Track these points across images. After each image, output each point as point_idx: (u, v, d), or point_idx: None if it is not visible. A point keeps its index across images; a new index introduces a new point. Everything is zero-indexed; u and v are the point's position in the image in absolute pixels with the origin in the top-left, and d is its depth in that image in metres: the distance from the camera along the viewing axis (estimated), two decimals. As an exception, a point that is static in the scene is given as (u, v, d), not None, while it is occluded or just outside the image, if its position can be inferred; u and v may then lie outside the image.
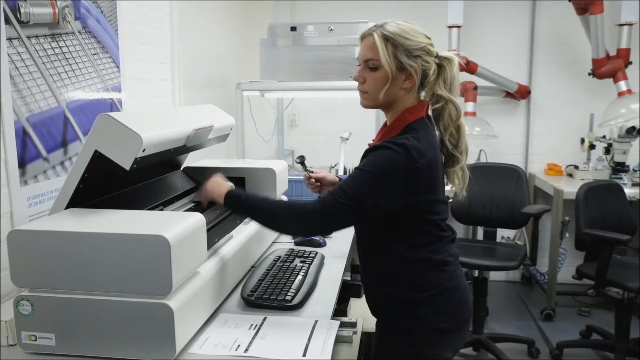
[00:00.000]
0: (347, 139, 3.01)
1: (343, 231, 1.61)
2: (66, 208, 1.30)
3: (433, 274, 1.39)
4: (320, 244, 1.96)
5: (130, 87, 2.09)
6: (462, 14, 3.77)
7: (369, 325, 1.87)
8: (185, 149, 1.57)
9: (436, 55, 1.39)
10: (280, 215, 1.37)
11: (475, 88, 3.91)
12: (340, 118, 3.93)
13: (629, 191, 3.39)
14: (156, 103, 2.37)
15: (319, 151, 4.06)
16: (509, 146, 4.18)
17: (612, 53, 3.71)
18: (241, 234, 1.64)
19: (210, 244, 1.37)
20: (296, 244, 1.97)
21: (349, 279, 2.23)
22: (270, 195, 1.87)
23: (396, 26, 1.36)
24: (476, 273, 3.12)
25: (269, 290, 1.46)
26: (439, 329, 1.39)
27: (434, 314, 1.39)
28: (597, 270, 2.84)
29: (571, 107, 4.11)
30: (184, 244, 1.15)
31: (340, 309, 2.08)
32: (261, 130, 3.61)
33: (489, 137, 3.95)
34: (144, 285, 1.11)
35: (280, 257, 1.71)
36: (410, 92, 1.39)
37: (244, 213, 1.48)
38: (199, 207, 1.73)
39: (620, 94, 3.65)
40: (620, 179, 3.63)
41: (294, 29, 3.05)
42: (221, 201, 1.43)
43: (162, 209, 1.62)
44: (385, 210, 1.33)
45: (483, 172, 3.51)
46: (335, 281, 1.64)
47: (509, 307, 3.83)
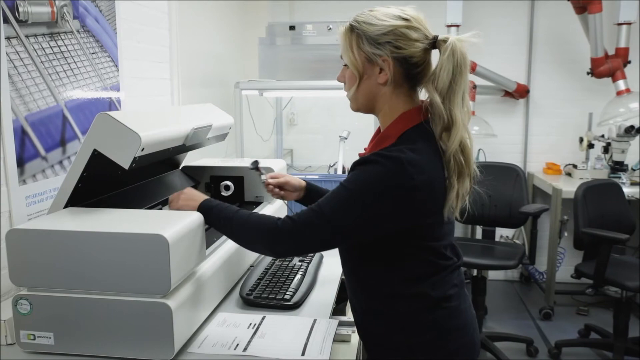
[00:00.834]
0: (346, 138, 3.01)
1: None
2: (65, 207, 1.30)
3: (430, 314, 1.17)
4: (319, 243, 1.96)
5: (128, 86, 2.09)
6: (461, 13, 3.78)
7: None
8: (184, 148, 1.57)
9: (432, 39, 1.17)
10: (245, 231, 1.21)
11: (474, 87, 3.91)
12: (339, 117, 3.94)
13: (628, 190, 3.40)
14: (155, 102, 2.37)
15: (317, 150, 4.07)
16: (507, 145, 4.18)
17: (611, 52, 3.71)
18: (240, 233, 1.64)
19: (209, 243, 1.37)
20: (295, 243, 1.97)
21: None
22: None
23: (367, 13, 1.18)
24: (475, 272, 3.13)
25: (268, 290, 1.47)
26: None
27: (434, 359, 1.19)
28: (596, 269, 2.84)
29: (570, 106, 4.12)
30: (183, 243, 1.15)
31: (338, 308, 2.08)
32: (260, 130, 3.61)
33: (488, 136, 3.96)
34: (143, 284, 1.11)
35: (279, 256, 1.71)
36: (395, 88, 1.18)
37: (216, 227, 1.27)
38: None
39: (619, 93, 3.66)
40: (619, 178, 3.63)
41: (292, 28, 3.05)
42: (195, 209, 1.27)
43: (161, 208, 1.62)
44: (369, 236, 1.13)
45: (482, 171, 3.51)
46: (334, 280, 1.64)
47: (507, 306, 3.84)
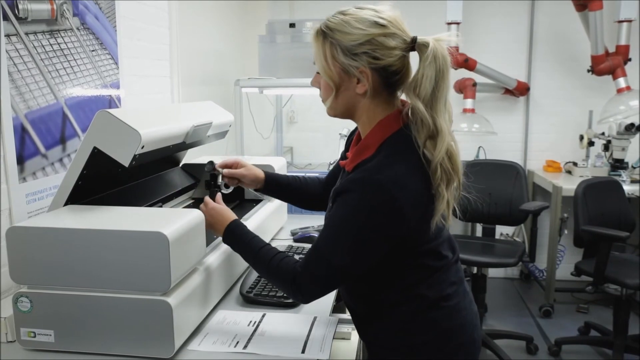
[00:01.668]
0: (346, 136, 3.01)
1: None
2: (65, 205, 1.30)
3: (429, 314, 1.16)
4: (319, 241, 1.96)
5: (128, 84, 2.09)
6: (461, 10, 3.77)
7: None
8: (184, 145, 1.57)
9: (411, 42, 1.11)
10: (266, 276, 1.24)
11: (474, 85, 3.91)
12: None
13: (628, 188, 3.40)
14: (155, 100, 2.37)
15: (317, 148, 4.07)
16: (507, 143, 4.18)
17: (612, 50, 3.71)
18: (240, 230, 1.64)
19: (209, 241, 1.37)
20: (295, 240, 1.97)
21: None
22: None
23: (339, 18, 1.11)
24: (475, 270, 3.13)
25: (268, 287, 1.47)
26: None
27: (435, 359, 1.19)
28: (596, 267, 2.84)
29: (570, 104, 4.12)
30: (183, 240, 1.15)
31: (339, 306, 2.08)
32: (260, 127, 3.61)
33: (488, 134, 3.96)
34: (143, 281, 1.11)
35: (279, 254, 1.71)
36: (374, 97, 1.13)
37: (236, 251, 1.30)
38: (197, 204, 1.73)
39: (619, 90, 3.66)
40: (619, 175, 3.63)
41: (292, 25, 3.04)
42: (221, 231, 1.30)
43: (161, 206, 1.62)
44: (377, 259, 1.12)
45: (482, 169, 3.51)
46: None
47: (507, 304, 3.84)
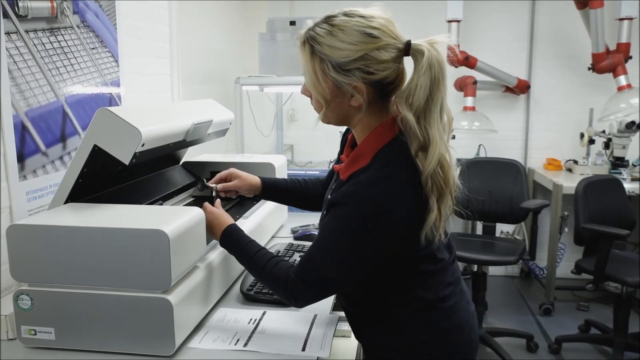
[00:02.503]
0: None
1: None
2: (65, 202, 1.30)
3: (426, 316, 1.16)
4: (320, 239, 1.96)
5: (129, 82, 2.09)
6: (462, 8, 3.77)
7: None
8: (184, 143, 1.57)
9: (405, 46, 1.06)
10: (260, 280, 1.24)
11: (475, 83, 3.91)
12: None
13: (628, 186, 3.39)
14: (155, 98, 2.37)
15: (318, 146, 4.06)
16: (508, 141, 4.18)
17: (612, 47, 3.70)
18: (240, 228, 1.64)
19: (209, 239, 1.37)
20: (295, 238, 1.97)
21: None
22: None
23: (325, 29, 1.05)
24: (475, 268, 3.13)
25: (268, 285, 1.46)
26: None
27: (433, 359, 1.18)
28: (596, 265, 2.84)
29: (571, 102, 4.11)
30: (183, 238, 1.15)
31: (339, 304, 2.08)
32: (260, 125, 3.60)
33: (488, 132, 3.95)
34: (144, 279, 1.11)
35: (279, 252, 1.71)
36: (368, 108, 1.10)
37: (236, 257, 1.30)
38: (198, 202, 1.73)
39: (620, 88, 3.65)
40: (620, 173, 3.63)
41: (293, 23, 3.04)
42: (217, 235, 1.30)
43: (162, 204, 1.62)
44: (369, 271, 1.11)
45: (482, 167, 3.51)
46: (334, 276, 1.63)
47: (507, 302, 3.84)
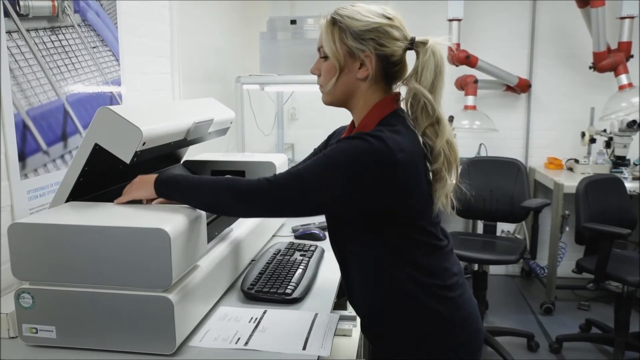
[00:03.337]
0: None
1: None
2: (66, 201, 1.30)
3: (434, 307, 1.19)
4: (320, 238, 1.96)
5: (130, 81, 2.09)
6: (463, 6, 3.76)
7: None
8: (185, 142, 1.57)
9: (410, 40, 1.19)
10: (218, 193, 1.18)
11: (476, 82, 3.91)
12: (339, 112, 3.92)
13: (630, 185, 3.39)
14: (156, 97, 2.37)
15: (318, 145, 4.06)
16: (509, 140, 4.18)
17: (613, 46, 3.70)
18: (241, 227, 1.65)
19: (210, 237, 1.38)
20: (296, 237, 1.97)
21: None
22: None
23: (349, 8, 1.19)
24: (476, 267, 3.13)
25: (269, 284, 1.47)
26: None
27: (442, 350, 1.21)
28: (597, 264, 2.84)
29: (572, 101, 4.11)
30: (184, 237, 1.15)
31: (340, 303, 2.08)
32: (261, 124, 3.61)
33: (489, 131, 3.95)
34: (144, 278, 1.11)
35: (280, 251, 1.71)
36: (372, 84, 1.20)
37: (180, 198, 1.24)
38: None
39: (621, 87, 3.65)
40: (621, 172, 3.63)
41: (293, 22, 3.04)
42: (151, 190, 1.24)
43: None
44: (352, 209, 1.15)
45: (483, 166, 3.51)
46: (335, 275, 1.64)
47: (508, 301, 3.84)
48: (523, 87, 4.05)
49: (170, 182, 1.25)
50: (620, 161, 3.71)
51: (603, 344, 3.15)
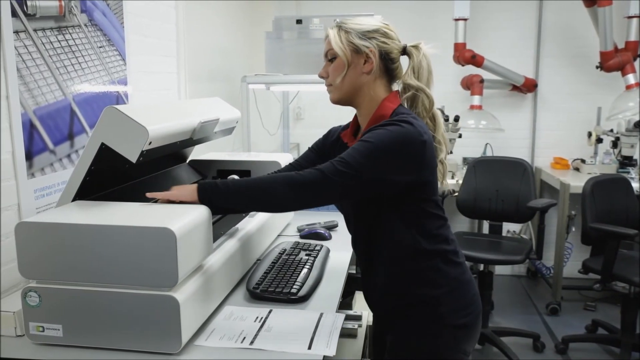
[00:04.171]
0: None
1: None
2: (73, 200, 1.31)
3: (448, 267, 1.35)
4: (326, 237, 1.96)
5: (136, 80, 2.09)
6: (469, 6, 3.75)
7: (374, 319, 1.87)
8: (191, 142, 1.57)
9: (403, 46, 1.38)
10: (276, 190, 1.25)
11: (482, 81, 3.90)
12: (345, 111, 3.92)
13: (637, 185, 3.37)
14: (162, 96, 2.37)
15: (324, 144, 4.06)
16: (515, 140, 4.16)
17: (621, 46, 3.68)
18: (247, 227, 1.65)
19: (216, 237, 1.38)
20: (301, 237, 1.97)
21: (354, 272, 2.24)
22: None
23: (351, 19, 1.39)
24: (481, 267, 3.12)
25: (275, 283, 1.47)
26: (461, 324, 1.34)
27: (454, 310, 1.34)
28: (604, 264, 2.83)
29: (578, 101, 4.09)
30: (190, 236, 1.15)
31: (345, 302, 2.09)
32: (266, 124, 3.61)
33: (495, 131, 3.94)
34: (151, 277, 1.11)
35: (285, 250, 1.72)
36: (375, 79, 1.36)
37: (225, 203, 1.28)
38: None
39: (628, 87, 3.63)
40: (628, 172, 3.61)
41: (299, 22, 3.04)
42: (194, 197, 1.27)
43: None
44: (391, 184, 1.26)
45: (489, 166, 3.50)
46: (340, 274, 1.64)
47: (514, 301, 3.83)
48: (529, 87, 4.03)
49: (215, 188, 1.27)
50: (627, 161, 3.70)
51: (609, 345, 3.14)
